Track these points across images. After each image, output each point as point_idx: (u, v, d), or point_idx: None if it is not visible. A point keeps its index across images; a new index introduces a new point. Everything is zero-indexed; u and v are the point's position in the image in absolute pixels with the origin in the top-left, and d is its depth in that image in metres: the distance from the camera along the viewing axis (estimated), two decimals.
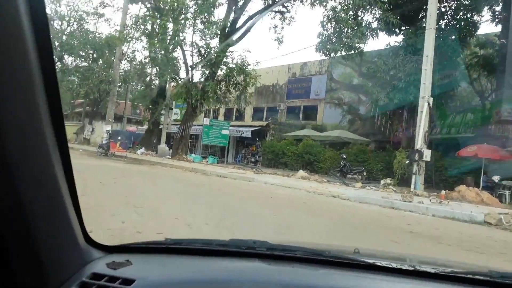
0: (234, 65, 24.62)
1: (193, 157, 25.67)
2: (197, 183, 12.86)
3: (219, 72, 25.52)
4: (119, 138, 40.67)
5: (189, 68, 25.92)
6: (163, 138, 29.93)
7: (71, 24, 44.11)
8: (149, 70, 36.40)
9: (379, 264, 1.32)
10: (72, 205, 1.12)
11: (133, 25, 26.22)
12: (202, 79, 25.72)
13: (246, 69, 24.71)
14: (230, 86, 25.49)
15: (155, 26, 25.49)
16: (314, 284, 1.18)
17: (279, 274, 1.26)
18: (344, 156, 21.10)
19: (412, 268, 1.29)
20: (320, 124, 30.40)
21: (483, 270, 1.36)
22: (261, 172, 19.46)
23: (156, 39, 24.18)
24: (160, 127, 31.73)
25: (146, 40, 27.04)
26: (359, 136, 25.41)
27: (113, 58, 39.76)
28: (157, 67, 28.43)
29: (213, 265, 1.35)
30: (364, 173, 20.32)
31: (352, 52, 20.78)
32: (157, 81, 31.46)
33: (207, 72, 25.26)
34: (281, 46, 24.98)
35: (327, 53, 21.29)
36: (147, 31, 26.14)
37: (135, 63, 39.24)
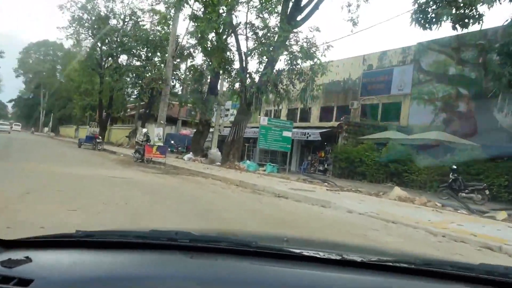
0: (298, 49, 19.04)
1: (247, 164, 20.34)
2: (234, 215, 7.37)
3: (280, 61, 20.14)
4: (172, 142, 36.42)
5: (243, 55, 20.71)
6: (214, 141, 24.97)
7: (126, 22, 40.90)
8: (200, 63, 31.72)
9: (306, 254, 1.27)
10: None
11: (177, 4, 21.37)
12: (260, 69, 20.41)
13: (314, 54, 19.03)
14: (294, 76, 19.94)
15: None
16: (237, 278, 1.11)
17: (201, 268, 1.17)
18: (455, 167, 14.66)
19: (339, 258, 1.25)
20: (405, 125, 23.93)
21: (409, 258, 1.40)
22: (336, 188, 13.63)
23: (204, 21, 19.22)
24: (211, 129, 26.82)
25: (193, 25, 22.18)
26: (465, 139, 18.77)
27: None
28: (207, 58, 23.48)
29: (128, 259, 1.20)
30: (487, 192, 13.83)
31: (467, 21, 14.35)
32: (208, 75, 26.59)
33: (264, 59, 19.91)
34: (355, 29, 18.65)
35: (427, 24, 15.05)
36: (194, 12, 21.29)
37: (188, 59, 34.81)
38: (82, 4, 38.78)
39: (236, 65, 21.81)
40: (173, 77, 35.52)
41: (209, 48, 21.82)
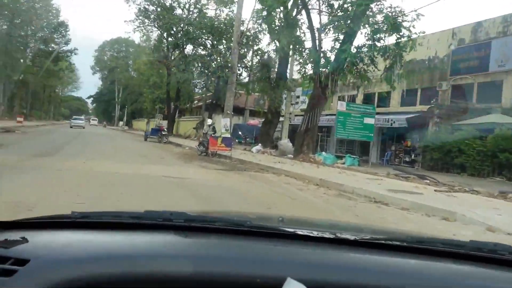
0: (382, 19, 15.96)
1: (323, 156, 17.70)
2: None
3: (359, 36, 17.18)
4: (240, 133, 34.52)
5: (315, 32, 18.00)
6: (284, 131, 22.55)
7: (191, 11, 39.54)
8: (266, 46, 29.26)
9: (300, 233, 1.29)
10: None
11: None
12: (336, 46, 17.60)
13: (402, 25, 15.86)
14: (376, 53, 16.90)
15: None
16: (230, 256, 1.12)
17: (195, 247, 1.18)
18: None
19: (333, 236, 1.28)
20: (508, 107, 19.92)
21: (401, 236, 1.49)
22: (444, 187, 10.59)
23: None
24: (281, 118, 24.39)
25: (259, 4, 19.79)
26: None
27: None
28: (274, 38, 20.99)
29: (123, 239, 1.19)
30: None
31: None
32: (276, 61, 24.06)
33: (341, 34, 17.08)
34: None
35: None
36: None
37: (254, 44, 32.56)
38: None
39: (308, 44, 19.14)
40: (239, 65, 33.56)
41: (277, 27, 19.36)
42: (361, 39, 17.34)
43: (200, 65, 34.36)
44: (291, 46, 19.21)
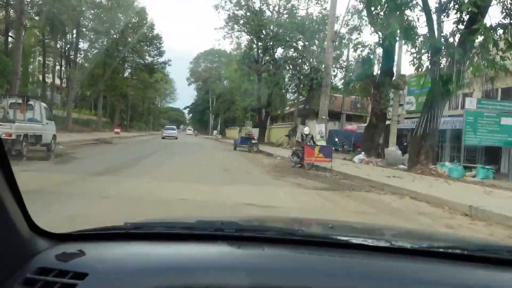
0: None
1: (447, 168, 13.93)
2: None
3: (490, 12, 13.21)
4: (336, 140, 31.22)
5: (432, 14, 14.40)
6: (392, 137, 18.95)
7: (281, 13, 37.33)
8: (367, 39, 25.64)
9: (354, 242, 1.24)
10: (8, 188, 0.97)
11: None
12: (460, 27, 13.84)
13: None
14: None
15: None
16: (285, 267, 1.08)
17: (248, 258, 1.15)
18: None
19: (389, 245, 1.23)
20: None
21: (461, 244, 1.38)
22: None
23: None
24: (387, 122, 20.79)
25: None
26: None
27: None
28: (378, 29, 17.63)
29: (177, 250, 1.19)
30: None
31: None
32: (379, 52, 20.47)
33: (467, 12, 13.31)
34: None
35: None
36: None
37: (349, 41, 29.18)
38: (237, 0, 36.36)
39: (421, 30, 15.54)
40: (334, 66, 30.46)
41: (381, 13, 16.08)
42: (494, 17, 13.33)
43: (291, 67, 31.89)
44: (398, 34, 15.73)
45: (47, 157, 13.49)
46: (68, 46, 35.51)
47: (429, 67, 15.05)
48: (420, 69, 15.76)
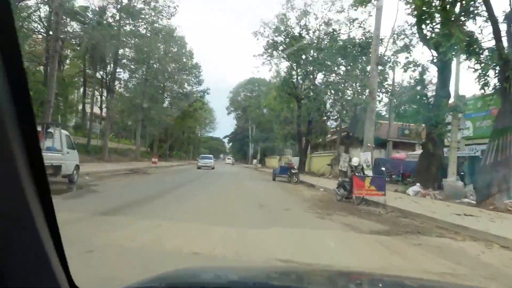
0: None
1: None
2: None
3: None
4: (383, 169, 28.78)
5: (499, 23, 12.29)
6: (451, 166, 16.52)
7: (322, 38, 35.80)
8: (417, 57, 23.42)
9: None
10: (53, 246, 0.95)
11: None
12: None
13: None
14: None
15: None
16: None
17: None
18: None
19: None
20: None
21: None
22: None
23: None
24: (444, 149, 18.40)
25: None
26: None
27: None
28: (431, 47, 15.62)
29: None
30: None
31: None
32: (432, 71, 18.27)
33: None
34: None
35: None
36: None
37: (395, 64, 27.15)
38: (276, 26, 35.26)
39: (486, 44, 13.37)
40: (379, 90, 28.44)
41: (436, 28, 14.14)
42: None
43: (333, 93, 30.04)
44: (457, 48, 13.63)
45: (66, 189, 12.20)
46: (109, 76, 35.38)
47: (497, 84, 12.83)
48: (485, 88, 13.54)
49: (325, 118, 33.35)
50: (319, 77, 34.47)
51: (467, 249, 6.32)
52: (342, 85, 29.53)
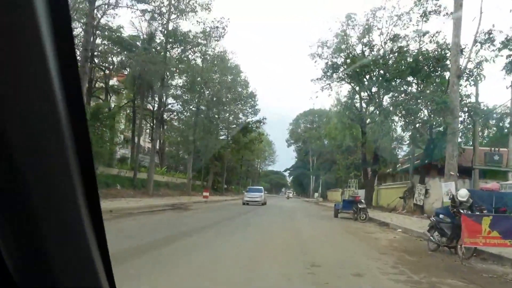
0: None
1: None
2: None
3: None
4: (476, 204, 23.32)
5: None
6: None
7: (387, 54, 31.45)
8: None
9: None
10: (102, 262, 0.94)
11: None
12: None
13: None
14: None
15: None
16: None
17: None
18: None
19: None
20: None
21: None
22: None
23: None
24: None
25: None
26: None
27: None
28: None
29: None
30: None
31: None
32: None
33: None
34: None
35: None
36: None
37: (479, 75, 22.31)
38: (336, 46, 31.49)
39: None
40: (461, 110, 23.52)
41: None
42: None
43: (403, 113, 25.32)
44: None
45: None
46: (156, 104, 33.29)
47: None
48: None
49: (394, 144, 28.45)
50: (386, 99, 29.95)
51: None
52: (415, 106, 24.78)
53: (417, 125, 26.13)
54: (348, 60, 30.42)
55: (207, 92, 38.47)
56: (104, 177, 25.41)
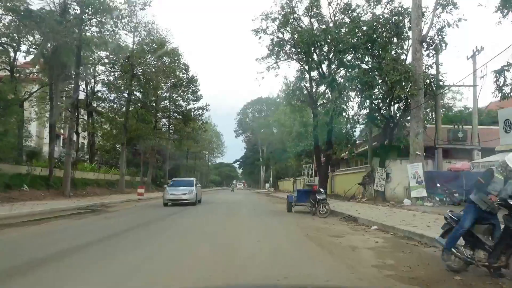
0: None
1: None
2: None
3: None
4: (438, 185, 20.27)
5: None
6: None
7: (338, 25, 27.98)
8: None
9: None
10: None
11: None
12: None
13: None
14: None
15: None
16: None
17: None
18: None
19: None
20: None
21: None
22: None
23: None
24: None
25: None
26: None
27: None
28: None
29: None
30: None
31: None
32: None
33: None
34: None
35: None
36: None
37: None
38: (281, 21, 27.45)
39: None
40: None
41: None
42: None
43: (359, 87, 21.85)
44: None
45: None
46: (71, 86, 27.86)
47: None
48: None
49: (350, 124, 24.98)
50: (340, 75, 26.45)
51: None
52: (372, 76, 21.35)
53: (375, 101, 22.90)
54: (296, 35, 26.51)
55: (141, 76, 33.57)
56: (4, 177, 20.13)
